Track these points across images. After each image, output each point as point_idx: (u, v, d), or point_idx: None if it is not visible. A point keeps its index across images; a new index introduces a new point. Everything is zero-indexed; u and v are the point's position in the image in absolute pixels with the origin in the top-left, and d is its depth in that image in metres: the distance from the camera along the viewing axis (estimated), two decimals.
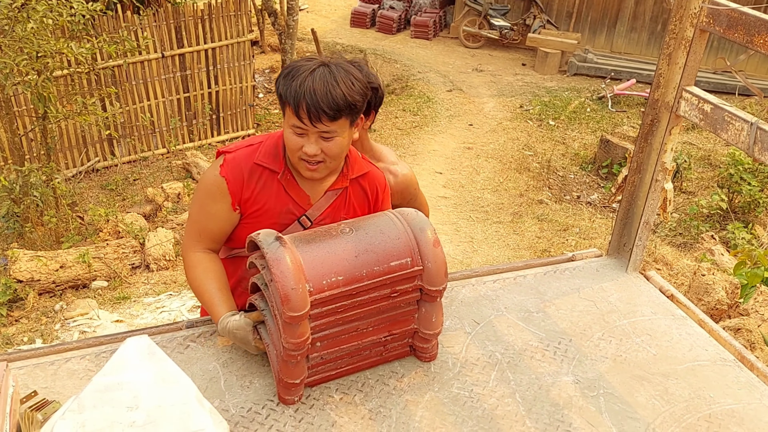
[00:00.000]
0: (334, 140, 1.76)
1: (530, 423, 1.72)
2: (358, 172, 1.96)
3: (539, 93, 9.78)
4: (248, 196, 1.86)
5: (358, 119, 1.82)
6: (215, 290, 1.85)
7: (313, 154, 1.76)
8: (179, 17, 7.29)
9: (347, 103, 1.71)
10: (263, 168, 1.86)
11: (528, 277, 2.29)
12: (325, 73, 1.71)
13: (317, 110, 1.68)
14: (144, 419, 1.51)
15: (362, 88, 1.76)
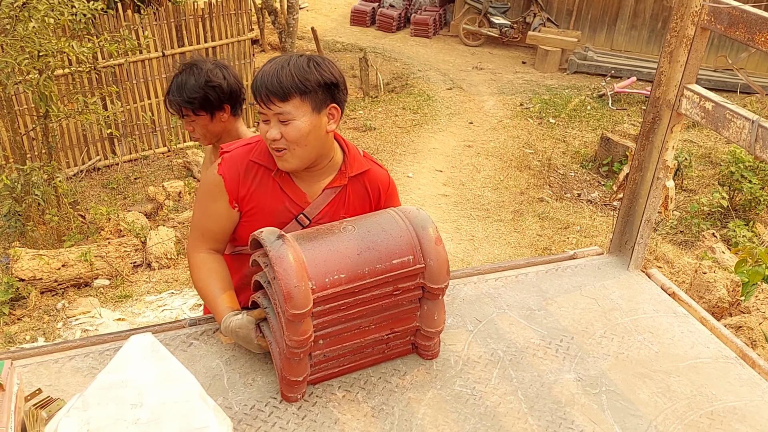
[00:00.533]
0: (291, 124, 1.74)
1: (532, 420, 1.72)
2: (358, 170, 1.95)
3: (539, 91, 9.78)
4: (245, 193, 1.87)
5: (326, 107, 1.79)
6: (218, 290, 1.86)
7: (272, 138, 1.76)
8: (180, 16, 7.29)
9: (294, 83, 1.71)
10: (259, 165, 1.87)
11: (530, 275, 2.29)
12: (280, 60, 1.76)
13: (267, 90, 1.72)
14: (148, 416, 1.52)
15: (318, 73, 1.75)
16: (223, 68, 2.37)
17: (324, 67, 1.77)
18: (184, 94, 2.30)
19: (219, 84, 2.32)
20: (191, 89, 2.29)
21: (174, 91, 2.33)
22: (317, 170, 1.89)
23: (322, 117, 1.78)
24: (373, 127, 8.17)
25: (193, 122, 2.38)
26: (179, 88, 2.32)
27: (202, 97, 2.30)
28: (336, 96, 1.79)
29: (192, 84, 2.29)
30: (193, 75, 2.31)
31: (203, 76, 2.30)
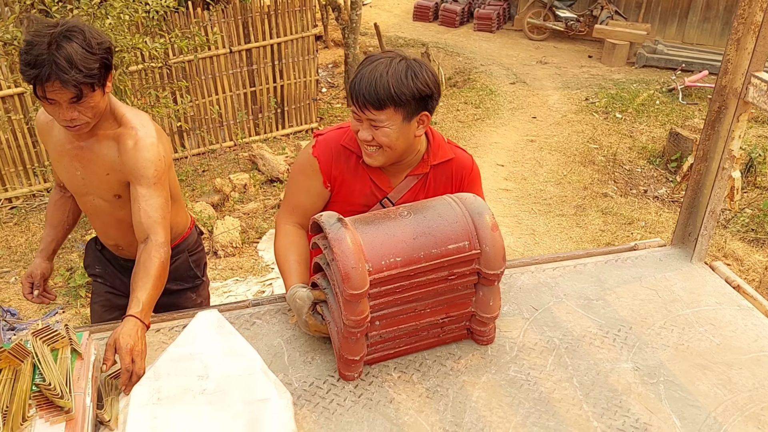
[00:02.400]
0: (382, 129, 1.84)
1: (587, 407, 1.72)
2: (441, 159, 2.05)
3: (606, 85, 9.58)
4: (336, 174, 2.00)
5: (417, 116, 1.86)
6: (294, 262, 1.96)
7: (364, 139, 1.87)
8: (246, 13, 7.47)
9: (390, 95, 1.78)
10: (349, 151, 1.99)
11: (588, 266, 2.28)
12: (381, 64, 1.81)
13: (363, 98, 1.79)
14: (214, 388, 1.60)
15: (414, 85, 1.80)
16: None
17: (421, 77, 1.81)
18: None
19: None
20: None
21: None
22: (402, 163, 2.00)
23: (413, 124, 1.88)
24: (434, 122, 8.18)
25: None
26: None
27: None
28: (428, 105, 1.87)
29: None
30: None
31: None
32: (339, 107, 9.08)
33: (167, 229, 2.01)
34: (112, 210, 2.22)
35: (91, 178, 2.13)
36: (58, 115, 1.88)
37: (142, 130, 2.05)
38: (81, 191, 2.21)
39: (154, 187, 2.01)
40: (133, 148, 2.01)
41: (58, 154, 2.13)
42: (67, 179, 2.18)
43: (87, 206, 2.27)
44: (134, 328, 1.70)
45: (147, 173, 2.01)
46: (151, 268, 1.86)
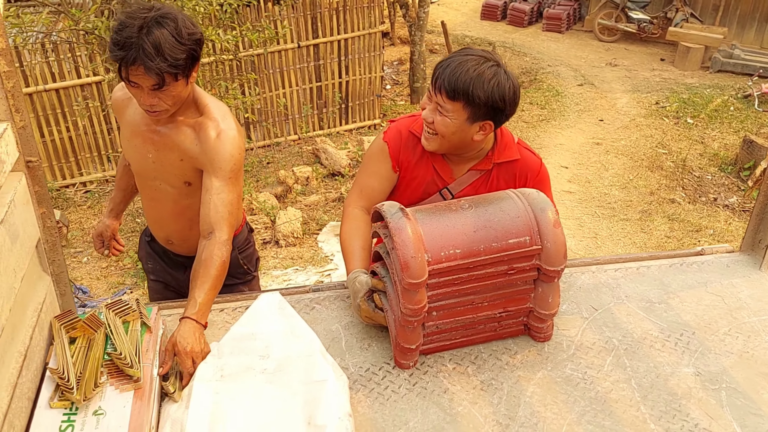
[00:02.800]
0: (444, 118, 1.89)
1: (645, 409, 1.70)
2: (506, 158, 2.07)
3: (678, 89, 9.29)
4: (403, 159, 2.06)
5: (481, 122, 1.89)
6: (358, 248, 2.00)
7: (425, 118, 1.93)
8: (315, 9, 7.58)
9: (466, 91, 1.82)
10: (417, 138, 2.04)
11: (652, 268, 2.23)
12: (475, 58, 1.85)
13: (442, 83, 1.85)
14: (274, 367, 1.65)
15: (491, 92, 1.83)
16: None
17: (501, 89, 1.84)
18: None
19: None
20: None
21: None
22: (464, 155, 2.03)
23: (474, 127, 1.90)
24: None
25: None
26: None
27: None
28: (496, 117, 1.90)
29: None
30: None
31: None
32: (402, 104, 9.11)
33: (232, 227, 1.99)
34: (178, 197, 2.17)
35: (163, 162, 2.09)
36: (138, 98, 1.88)
37: (224, 122, 2.02)
38: (148, 174, 2.16)
39: (228, 182, 1.99)
40: (215, 138, 1.98)
41: (131, 134, 2.11)
42: (136, 160, 2.15)
43: (150, 191, 2.22)
44: (191, 331, 1.70)
45: (225, 166, 1.98)
46: (211, 267, 1.85)
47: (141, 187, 2.26)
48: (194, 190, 2.11)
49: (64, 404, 1.50)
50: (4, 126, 1.54)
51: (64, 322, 1.67)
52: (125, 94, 2.10)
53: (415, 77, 9.05)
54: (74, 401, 1.49)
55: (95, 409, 1.50)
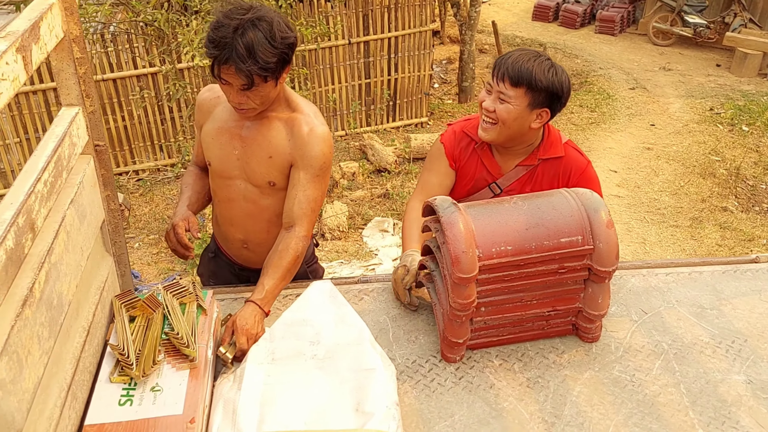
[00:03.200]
0: (506, 105, 1.99)
1: (693, 415, 1.68)
2: (551, 155, 2.14)
3: (733, 96, 9.05)
4: (457, 155, 2.19)
5: (540, 109, 2.00)
6: (415, 235, 2.11)
7: (487, 108, 2.02)
8: (367, 6, 7.62)
9: (529, 78, 1.95)
10: (469, 137, 2.17)
11: (704, 274, 2.20)
12: (531, 52, 2.00)
13: (506, 71, 1.97)
14: (324, 354, 1.68)
15: (552, 80, 1.96)
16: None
17: (559, 77, 1.99)
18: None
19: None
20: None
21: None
22: (514, 150, 2.13)
23: (533, 114, 2.01)
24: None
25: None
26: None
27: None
28: (553, 105, 2.01)
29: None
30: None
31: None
32: (450, 103, 9.09)
33: (312, 225, 2.03)
34: (260, 197, 2.11)
35: (249, 159, 2.05)
36: (228, 95, 1.90)
37: (317, 119, 2.02)
38: (231, 173, 2.10)
39: (315, 179, 2.01)
40: (308, 134, 1.98)
41: (218, 131, 2.07)
42: (220, 159, 2.09)
43: (228, 191, 2.14)
44: (252, 314, 1.78)
45: (315, 163, 1.99)
46: (285, 258, 1.91)
47: (219, 187, 2.17)
48: (276, 191, 2.08)
49: (123, 379, 1.56)
50: (76, 110, 1.61)
51: (124, 301, 1.74)
52: (213, 94, 2.11)
53: (464, 76, 9.02)
54: (133, 377, 1.55)
55: (153, 386, 1.56)
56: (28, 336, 1.23)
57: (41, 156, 1.39)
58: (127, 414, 1.48)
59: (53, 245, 1.37)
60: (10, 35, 1.26)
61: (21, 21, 1.33)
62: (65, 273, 1.45)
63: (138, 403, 1.51)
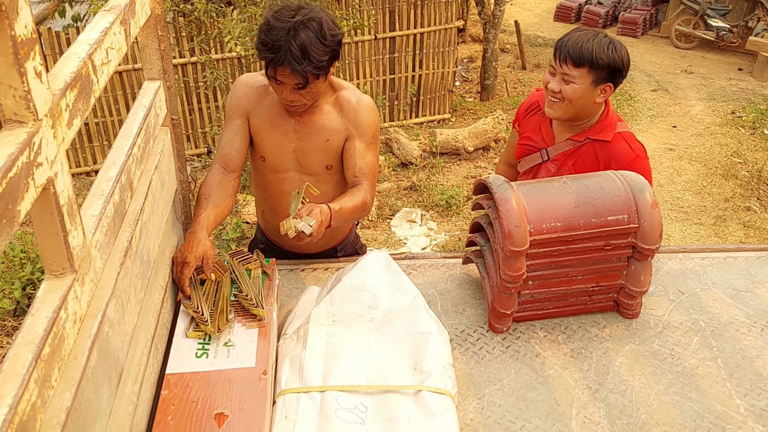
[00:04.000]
0: (571, 85, 2.10)
1: (731, 386, 1.77)
2: (600, 137, 2.21)
3: (755, 100, 9.07)
4: (522, 118, 2.41)
5: (603, 84, 2.11)
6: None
7: (553, 89, 2.14)
8: (394, 2, 7.72)
9: (591, 56, 2.05)
10: (539, 106, 2.34)
11: (739, 259, 2.29)
12: (589, 32, 2.11)
13: (567, 53, 2.08)
14: (381, 317, 1.79)
15: (612, 56, 2.08)
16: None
17: (618, 52, 2.10)
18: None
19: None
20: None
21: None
22: (573, 124, 2.24)
23: (597, 90, 2.12)
24: None
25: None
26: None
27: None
28: (615, 79, 2.13)
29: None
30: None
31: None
32: (471, 101, 9.17)
33: (374, 188, 2.11)
34: (316, 184, 2.09)
35: (306, 149, 2.10)
36: (281, 94, 1.95)
37: (359, 91, 2.12)
38: (285, 167, 2.14)
39: (370, 146, 2.10)
40: (357, 104, 2.07)
41: (271, 126, 2.08)
42: (275, 154, 2.12)
43: (284, 185, 2.17)
44: (326, 213, 1.84)
45: (367, 131, 2.08)
46: (357, 197, 2.00)
47: (272, 182, 2.19)
48: (332, 174, 2.16)
49: (198, 335, 1.67)
50: (158, 84, 1.72)
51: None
52: (259, 82, 2.10)
53: (487, 74, 9.10)
54: (209, 332, 1.66)
55: (225, 341, 1.67)
56: (128, 284, 1.34)
57: (134, 123, 1.50)
58: (204, 365, 1.59)
59: (144, 205, 1.48)
60: (114, 8, 1.37)
61: None
62: (151, 232, 1.57)
63: (213, 356, 1.62)
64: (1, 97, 0.88)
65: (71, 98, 1.04)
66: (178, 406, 1.49)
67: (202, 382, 1.56)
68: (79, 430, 1.04)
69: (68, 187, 1.03)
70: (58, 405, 0.99)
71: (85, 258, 1.11)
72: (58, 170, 0.99)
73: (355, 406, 1.56)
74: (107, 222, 1.24)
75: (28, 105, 0.89)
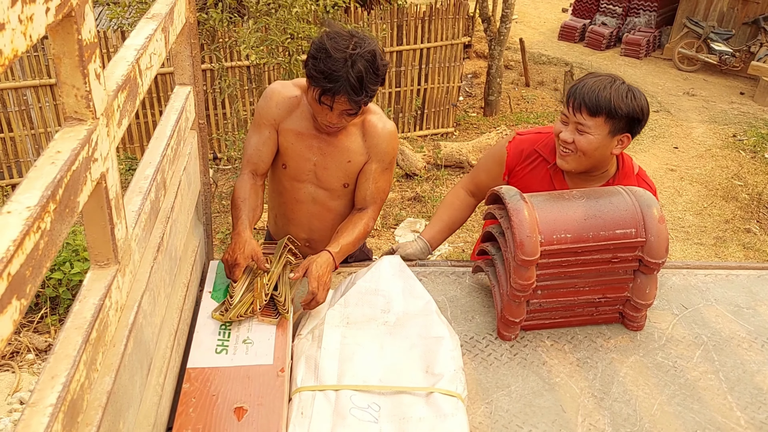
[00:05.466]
0: (586, 136, 2.00)
1: (732, 399, 1.82)
2: (624, 185, 2.14)
3: (756, 124, 9.18)
4: (518, 171, 2.22)
5: (621, 135, 2.01)
6: (444, 218, 2.36)
7: (565, 140, 2.03)
8: (402, 17, 7.83)
9: (609, 106, 1.95)
10: (539, 155, 2.19)
11: (741, 277, 2.35)
12: (606, 78, 1.99)
13: (582, 101, 1.96)
14: (394, 321, 1.84)
15: (631, 106, 1.97)
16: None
17: (638, 101, 1.98)
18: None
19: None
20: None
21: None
22: (588, 175, 2.15)
23: (614, 141, 2.02)
24: None
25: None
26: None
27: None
28: (633, 129, 2.02)
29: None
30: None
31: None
32: (474, 116, 9.27)
33: (379, 211, 2.20)
34: (329, 199, 2.21)
35: (327, 166, 2.14)
36: (324, 116, 1.95)
37: (385, 117, 2.14)
38: (303, 178, 2.18)
39: (385, 172, 2.15)
40: (382, 130, 2.11)
41: (297, 137, 2.11)
42: (296, 163, 2.15)
43: (298, 194, 2.21)
44: (326, 262, 1.95)
45: (386, 157, 2.13)
46: (358, 227, 2.09)
47: (287, 189, 2.22)
48: (348, 192, 2.21)
49: (219, 318, 1.73)
50: (189, 89, 1.79)
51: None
52: (291, 92, 2.11)
53: (491, 90, 9.21)
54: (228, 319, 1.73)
55: (244, 338, 1.72)
56: (159, 278, 1.40)
57: (167, 125, 1.57)
58: (224, 361, 1.65)
59: (174, 203, 1.54)
60: (156, 16, 1.43)
61: (160, 5, 1.51)
62: (179, 230, 1.63)
63: (233, 353, 1.67)
64: (64, 95, 0.94)
65: (122, 99, 1.10)
66: (198, 399, 1.55)
67: (221, 376, 1.61)
68: (116, 413, 1.10)
69: (117, 183, 1.09)
70: (100, 388, 1.04)
71: (126, 251, 1.17)
72: (110, 166, 1.05)
73: (369, 405, 1.62)
74: (144, 218, 1.30)
75: (89, 104, 0.96)
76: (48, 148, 0.89)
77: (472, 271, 2.21)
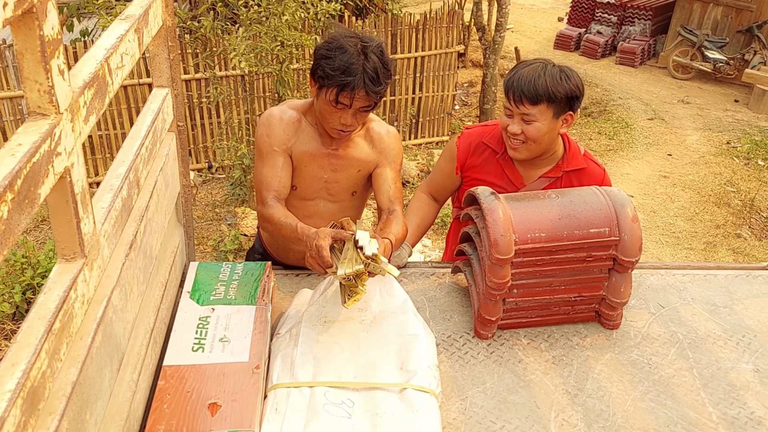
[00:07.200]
0: (533, 124, 2.09)
1: (705, 395, 1.84)
2: (574, 167, 2.28)
3: (750, 131, 9.22)
4: (470, 165, 2.27)
5: (564, 114, 2.10)
6: (414, 225, 2.38)
7: (513, 132, 2.11)
8: (396, 25, 7.88)
9: (547, 91, 2.03)
10: (487, 147, 2.26)
11: (718, 277, 2.37)
12: (537, 65, 2.07)
13: (521, 93, 2.04)
14: (371, 320, 1.87)
15: (567, 85, 2.06)
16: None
17: (572, 80, 2.09)
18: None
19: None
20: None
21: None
22: (538, 160, 2.23)
23: (559, 121, 2.12)
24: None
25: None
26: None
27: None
28: (574, 106, 2.12)
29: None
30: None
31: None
32: (470, 124, 9.31)
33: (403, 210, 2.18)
34: (339, 210, 2.23)
35: (339, 179, 2.16)
36: (338, 119, 1.95)
37: (384, 122, 2.18)
38: (312, 196, 2.19)
39: (397, 174, 2.18)
40: (386, 134, 2.15)
41: (309, 158, 2.11)
42: (308, 183, 2.16)
43: (306, 210, 2.21)
44: (389, 248, 1.90)
45: (397, 159, 2.17)
46: (400, 224, 2.04)
47: (295, 207, 2.19)
48: (356, 199, 2.26)
49: (356, 299, 1.72)
50: (166, 91, 1.82)
51: None
52: (291, 117, 2.09)
53: (486, 98, 9.24)
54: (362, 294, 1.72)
55: (221, 337, 1.74)
56: (132, 275, 1.43)
57: (142, 125, 1.60)
58: (200, 359, 1.67)
59: (149, 203, 1.57)
60: (130, 17, 1.47)
61: (135, 7, 1.54)
62: (154, 230, 1.65)
63: (209, 351, 1.70)
64: (27, 91, 0.97)
65: (89, 96, 1.13)
66: (173, 395, 1.57)
67: (197, 374, 1.63)
68: (82, 404, 1.12)
69: (82, 178, 1.12)
70: (65, 378, 1.07)
71: (95, 245, 1.19)
72: (75, 161, 1.08)
73: (343, 401, 1.64)
74: (115, 215, 1.32)
75: (51, 99, 0.99)
76: (9, 141, 0.92)
77: (451, 272, 2.24)
